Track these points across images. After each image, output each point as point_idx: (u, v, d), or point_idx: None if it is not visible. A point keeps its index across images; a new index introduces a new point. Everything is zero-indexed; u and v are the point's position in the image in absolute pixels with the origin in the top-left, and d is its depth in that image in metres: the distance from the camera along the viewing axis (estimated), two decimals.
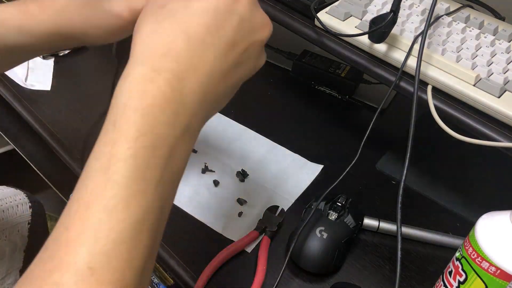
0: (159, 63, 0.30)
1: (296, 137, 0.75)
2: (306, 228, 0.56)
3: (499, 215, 0.44)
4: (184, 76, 0.30)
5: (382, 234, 0.62)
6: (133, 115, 0.28)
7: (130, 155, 0.27)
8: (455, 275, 0.47)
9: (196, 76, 0.31)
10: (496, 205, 0.48)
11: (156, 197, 0.28)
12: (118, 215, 0.26)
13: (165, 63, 0.30)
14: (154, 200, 0.28)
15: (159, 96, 0.29)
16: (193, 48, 0.31)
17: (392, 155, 0.74)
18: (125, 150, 0.27)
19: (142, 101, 0.28)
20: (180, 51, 0.30)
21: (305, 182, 0.67)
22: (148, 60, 0.30)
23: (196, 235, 0.59)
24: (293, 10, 0.63)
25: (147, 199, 0.28)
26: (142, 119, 0.28)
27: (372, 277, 0.57)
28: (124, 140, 0.27)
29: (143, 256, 0.27)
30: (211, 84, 0.32)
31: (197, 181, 0.65)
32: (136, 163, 0.27)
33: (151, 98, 0.28)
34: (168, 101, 0.29)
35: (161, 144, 0.28)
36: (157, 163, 0.28)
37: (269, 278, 0.55)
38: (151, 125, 0.28)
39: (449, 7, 0.60)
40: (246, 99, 0.81)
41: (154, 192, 0.28)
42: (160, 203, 0.29)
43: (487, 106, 0.50)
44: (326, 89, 0.84)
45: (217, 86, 0.33)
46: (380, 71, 0.56)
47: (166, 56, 0.30)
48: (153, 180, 0.28)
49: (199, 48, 0.31)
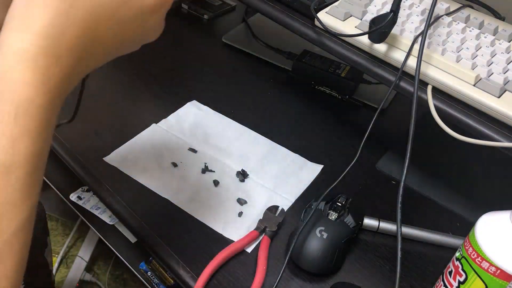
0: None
1: (296, 137, 0.75)
2: (306, 228, 0.56)
3: (499, 215, 0.44)
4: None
5: (382, 234, 0.62)
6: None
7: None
8: (455, 275, 0.47)
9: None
10: (496, 205, 0.48)
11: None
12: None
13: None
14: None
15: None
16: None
17: (392, 155, 0.74)
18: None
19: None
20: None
21: (305, 182, 0.67)
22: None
23: (196, 235, 0.59)
24: (293, 10, 0.63)
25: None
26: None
27: (372, 277, 0.57)
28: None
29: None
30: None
31: (197, 181, 0.65)
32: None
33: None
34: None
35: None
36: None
37: (269, 278, 0.55)
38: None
39: (449, 7, 0.60)
40: (246, 99, 0.81)
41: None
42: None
43: (487, 106, 0.50)
44: (326, 89, 0.84)
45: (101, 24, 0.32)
46: (380, 71, 0.56)
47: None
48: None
49: None
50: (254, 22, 0.98)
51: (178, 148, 0.69)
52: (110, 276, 1.21)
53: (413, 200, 0.67)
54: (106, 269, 1.22)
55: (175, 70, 0.85)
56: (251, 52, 0.91)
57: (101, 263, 1.23)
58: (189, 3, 1.02)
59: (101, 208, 0.94)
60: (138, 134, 0.70)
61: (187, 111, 0.76)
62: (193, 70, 0.85)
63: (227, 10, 1.03)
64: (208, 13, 1.00)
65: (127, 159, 0.66)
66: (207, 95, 0.80)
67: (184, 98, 0.78)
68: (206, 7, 1.02)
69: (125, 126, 0.72)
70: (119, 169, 0.65)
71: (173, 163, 0.67)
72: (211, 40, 0.94)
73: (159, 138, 0.70)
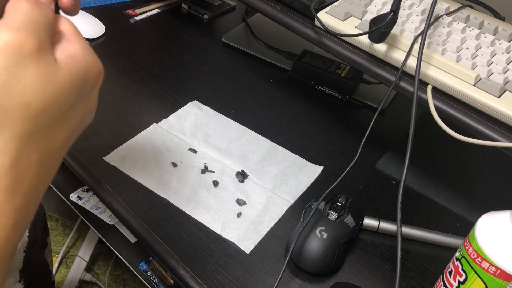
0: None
1: (296, 137, 0.75)
2: (306, 228, 0.56)
3: (499, 215, 0.44)
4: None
5: (382, 234, 0.62)
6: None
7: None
8: (455, 275, 0.47)
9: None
10: (496, 205, 0.48)
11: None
12: None
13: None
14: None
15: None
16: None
17: (392, 155, 0.74)
18: None
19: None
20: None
21: (305, 183, 0.67)
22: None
23: (195, 235, 0.59)
24: (293, 10, 0.63)
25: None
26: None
27: (372, 277, 0.57)
28: None
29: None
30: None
31: (196, 181, 0.65)
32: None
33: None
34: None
35: None
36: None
37: (269, 278, 0.55)
38: None
39: (449, 7, 0.60)
40: (246, 99, 0.81)
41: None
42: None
43: (487, 106, 0.50)
44: (326, 89, 0.84)
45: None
46: (380, 71, 0.56)
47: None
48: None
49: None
50: (254, 22, 0.98)
51: (178, 148, 0.69)
52: (110, 276, 1.21)
53: (413, 200, 0.67)
54: (106, 269, 1.22)
55: (175, 70, 0.85)
56: (251, 52, 0.91)
57: (101, 263, 1.23)
58: (189, 3, 1.02)
59: (101, 208, 0.94)
60: (138, 134, 0.70)
61: (187, 111, 0.76)
62: (193, 70, 0.85)
63: (227, 10, 1.03)
64: (208, 13, 1.00)
65: (127, 159, 0.66)
66: (207, 95, 0.80)
67: (184, 98, 0.78)
68: (206, 7, 1.02)
69: (125, 126, 0.72)
70: (119, 169, 0.65)
71: (173, 163, 0.67)
72: (211, 40, 0.94)
73: (159, 138, 0.70)
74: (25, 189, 0.30)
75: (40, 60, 0.29)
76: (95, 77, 0.34)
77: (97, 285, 1.20)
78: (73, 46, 0.33)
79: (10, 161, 0.29)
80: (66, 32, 0.33)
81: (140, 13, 0.96)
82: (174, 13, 1.00)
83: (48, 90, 0.30)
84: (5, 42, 0.28)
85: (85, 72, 0.33)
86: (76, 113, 0.33)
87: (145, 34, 0.92)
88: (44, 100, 0.30)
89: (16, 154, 0.29)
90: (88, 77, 0.33)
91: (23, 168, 0.30)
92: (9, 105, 0.28)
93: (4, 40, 0.28)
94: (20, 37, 0.29)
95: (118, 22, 0.94)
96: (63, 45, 0.32)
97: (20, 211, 0.30)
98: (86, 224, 0.96)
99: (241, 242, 0.58)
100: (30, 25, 0.30)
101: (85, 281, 1.18)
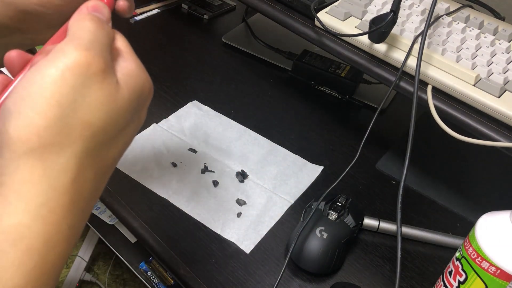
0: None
1: (296, 137, 0.75)
2: (306, 228, 0.56)
3: (499, 215, 0.44)
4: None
5: (382, 234, 0.62)
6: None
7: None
8: (455, 275, 0.47)
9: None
10: (496, 205, 0.48)
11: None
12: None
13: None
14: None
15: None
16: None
17: (392, 155, 0.74)
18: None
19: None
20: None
21: (305, 183, 0.67)
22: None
23: (195, 235, 0.59)
24: (293, 10, 0.63)
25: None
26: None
27: (372, 277, 0.57)
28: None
29: None
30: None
31: (196, 181, 0.65)
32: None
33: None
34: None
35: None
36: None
37: (269, 278, 0.55)
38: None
39: (449, 7, 0.60)
40: (246, 99, 0.81)
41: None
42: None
43: (487, 106, 0.50)
44: (326, 89, 0.84)
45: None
46: (380, 71, 0.56)
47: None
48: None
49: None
50: (254, 22, 0.98)
51: (178, 148, 0.69)
52: (110, 276, 1.21)
53: (413, 200, 0.67)
54: (106, 269, 1.22)
55: (175, 70, 0.85)
56: (251, 52, 0.91)
57: (101, 263, 1.23)
58: (189, 3, 1.02)
59: (101, 208, 0.94)
60: (138, 133, 0.70)
61: (188, 111, 0.76)
62: (193, 70, 0.85)
63: (227, 10, 1.03)
64: (208, 13, 1.00)
65: (127, 159, 0.66)
66: (207, 95, 0.80)
67: (184, 98, 0.78)
68: (206, 7, 1.02)
69: None
70: (119, 169, 0.65)
71: (172, 163, 0.67)
72: (211, 40, 0.94)
73: (159, 138, 0.70)
74: (81, 205, 0.30)
75: (104, 80, 0.30)
76: (147, 94, 0.34)
77: (97, 285, 1.20)
78: (129, 64, 0.33)
79: (70, 178, 0.29)
80: (123, 50, 0.34)
81: (140, 13, 0.96)
82: (174, 13, 1.00)
83: (108, 109, 0.30)
84: (75, 61, 0.29)
85: (141, 90, 0.33)
86: (128, 130, 0.33)
87: (145, 34, 0.92)
88: (104, 119, 0.30)
89: (75, 172, 0.29)
90: (142, 95, 0.33)
91: (80, 185, 0.30)
92: (73, 123, 0.28)
93: (74, 59, 0.29)
94: (89, 57, 0.29)
95: (118, 22, 0.93)
96: (121, 64, 0.33)
97: (74, 227, 0.30)
98: (86, 224, 0.96)
99: (241, 242, 0.58)
100: (97, 46, 0.30)
101: (85, 281, 1.18)
